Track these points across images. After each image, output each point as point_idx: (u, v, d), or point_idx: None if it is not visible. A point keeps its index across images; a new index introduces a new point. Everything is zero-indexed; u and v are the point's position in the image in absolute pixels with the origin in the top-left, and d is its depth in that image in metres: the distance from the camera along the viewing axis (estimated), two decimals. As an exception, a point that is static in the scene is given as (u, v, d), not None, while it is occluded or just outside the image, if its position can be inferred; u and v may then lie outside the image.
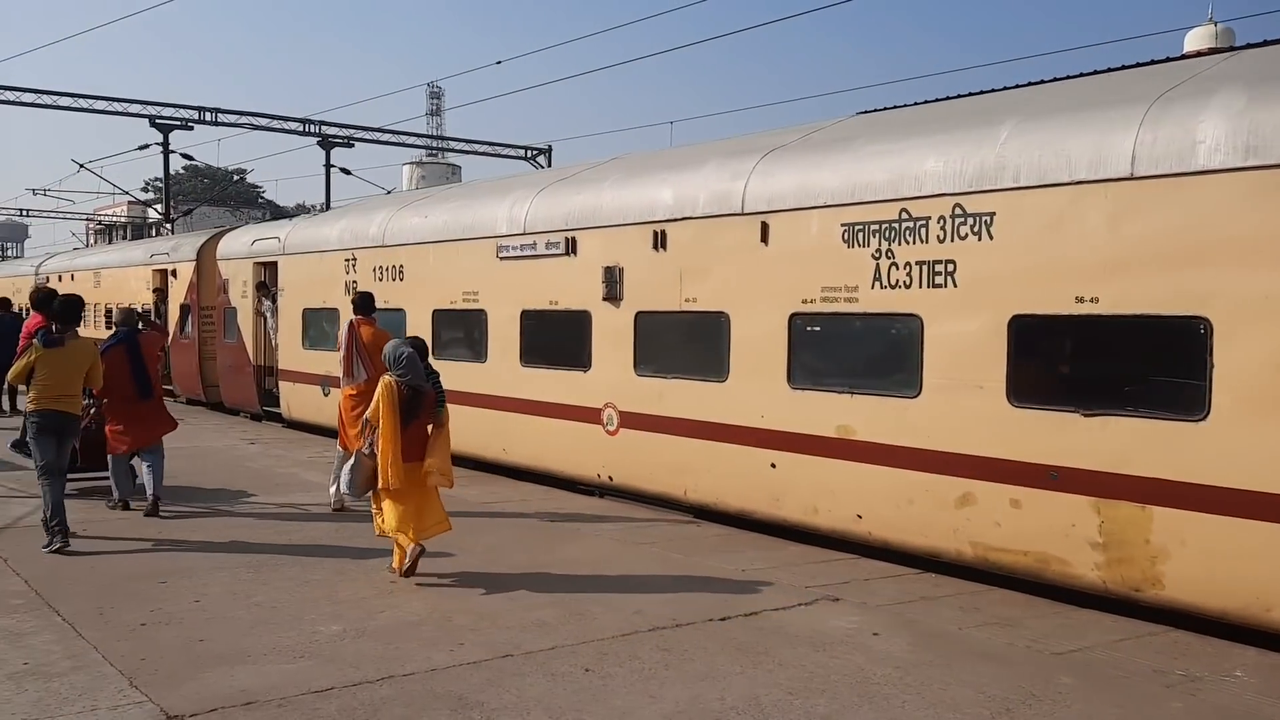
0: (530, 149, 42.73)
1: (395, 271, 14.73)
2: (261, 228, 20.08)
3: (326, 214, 18.43)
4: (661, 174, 10.95)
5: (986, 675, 5.85)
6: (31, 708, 5.19)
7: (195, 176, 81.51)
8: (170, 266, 22.70)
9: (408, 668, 5.85)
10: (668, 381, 10.50)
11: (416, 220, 14.53)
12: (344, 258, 15.89)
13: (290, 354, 17.52)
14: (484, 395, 12.86)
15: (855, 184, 8.72)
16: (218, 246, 20.60)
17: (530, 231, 12.27)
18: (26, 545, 8.73)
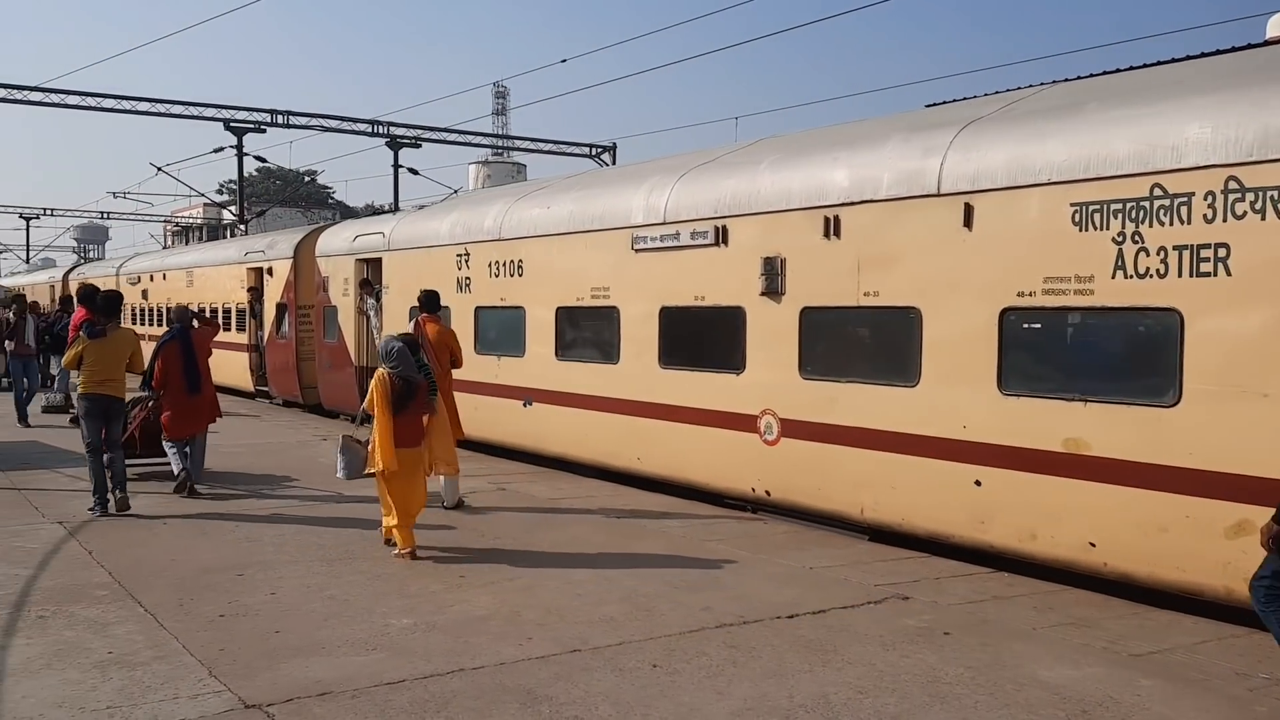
0: (595, 147, 42.87)
1: (513, 267, 13.79)
2: (363, 223, 19.35)
3: (434, 207, 17.51)
4: (832, 152, 9.73)
5: (1062, 676, 5.72)
6: (116, 695, 5.34)
7: (268, 178, 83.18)
8: (266, 265, 22.16)
9: (477, 661, 5.92)
10: (841, 386, 9.34)
11: (537, 212, 13.57)
12: (455, 253, 15.00)
13: None
14: (615, 400, 11.96)
15: (1089, 157, 7.50)
16: (316, 243, 19.90)
17: (672, 220, 11.21)
18: (111, 538, 9.01)
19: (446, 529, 9.51)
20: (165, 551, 8.58)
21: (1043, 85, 9.65)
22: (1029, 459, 7.87)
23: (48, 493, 11.12)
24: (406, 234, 16.66)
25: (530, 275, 13.51)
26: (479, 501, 10.84)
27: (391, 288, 16.80)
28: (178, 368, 11.24)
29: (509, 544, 8.93)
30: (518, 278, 13.75)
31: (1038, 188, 7.83)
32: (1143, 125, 7.34)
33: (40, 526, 9.43)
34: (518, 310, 13.62)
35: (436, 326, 10.77)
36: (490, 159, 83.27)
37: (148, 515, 10.06)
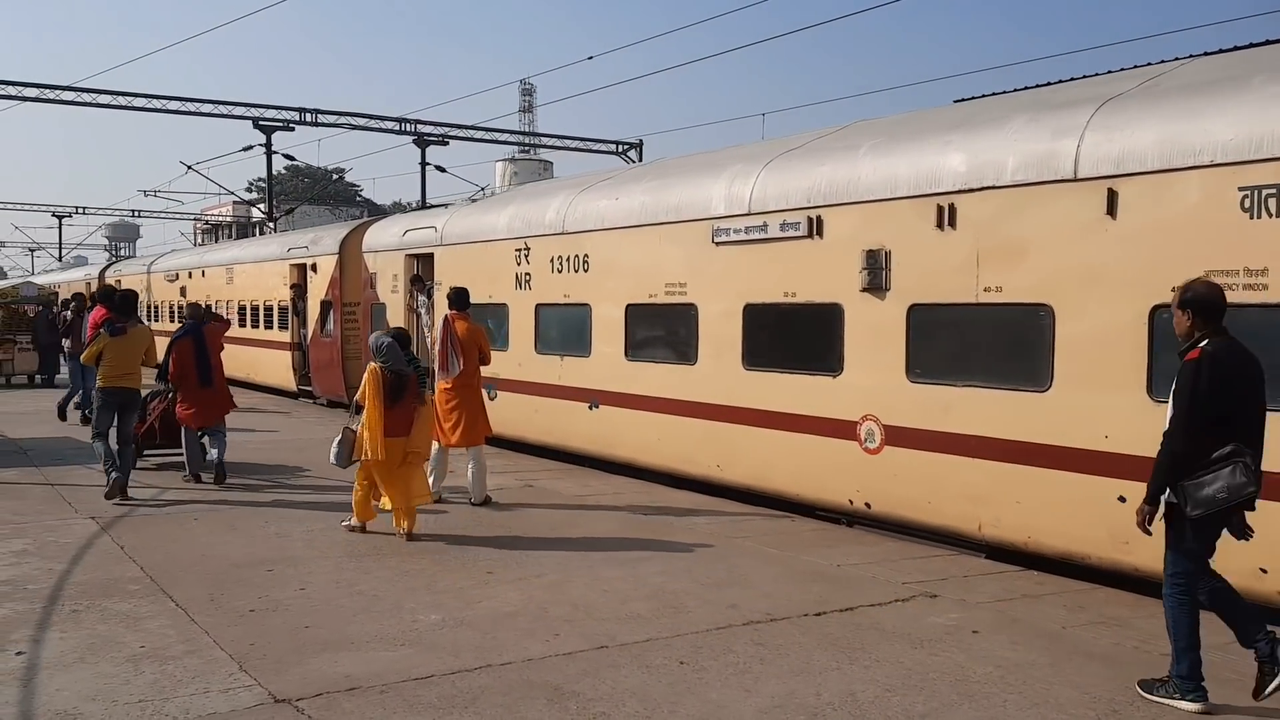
0: (621, 144, 42.85)
1: (578, 262, 12.98)
2: (414, 217, 18.60)
3: (490, 200, 16.83)
4: (943, 135, 8.96)
5: (1092, 676, 5.69)
6: (148, 689, 5.40)
7: (296, 176, 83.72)
8: (310, 261, 21.42)
9: (505, 657, 5.94)
10: (956, 390, 8.54)
11: (605, 204, 12.77)
12: (514, 248, 14.22)
13: None
14: (693, 403, 11.23)
15: (1262, 135, 6.74)
16: (363, 238, 19.15)
17: (758, 211, 10.37)
18: (143, 534, 9.10)
19: (474, 525, 9.55)
20: (196, 546, 8.66)
21: (1180, 60, 9.11)
22: None
23: (80, 488, 11.25)
24: (461, 228, 15.94)
25: (597, 271, 12.76)
26: (506, 498, 10.87)
27: (445, 284, 15.68)
28: (191, 362, 11.88)
29: (536, 540, 8.96)
30: (583, 273, 12.96)
31: (1197, 170, 7.08)
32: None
33: (73, 521, 9.54)
34: (583, 308, 12.90)
35: (466, 324, 10.81)
36: (517, 156, 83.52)
37: (178, 511, 10.16)
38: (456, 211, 16.69)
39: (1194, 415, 5.22)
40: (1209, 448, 5.20)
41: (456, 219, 16.21)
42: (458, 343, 10.55)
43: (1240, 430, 5.25)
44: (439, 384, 10.72)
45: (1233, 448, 5.18)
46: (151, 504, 10.46)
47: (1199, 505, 5.19)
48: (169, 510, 10.19)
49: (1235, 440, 5.20)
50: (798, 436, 10.04)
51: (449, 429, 10.61)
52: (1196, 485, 5.20)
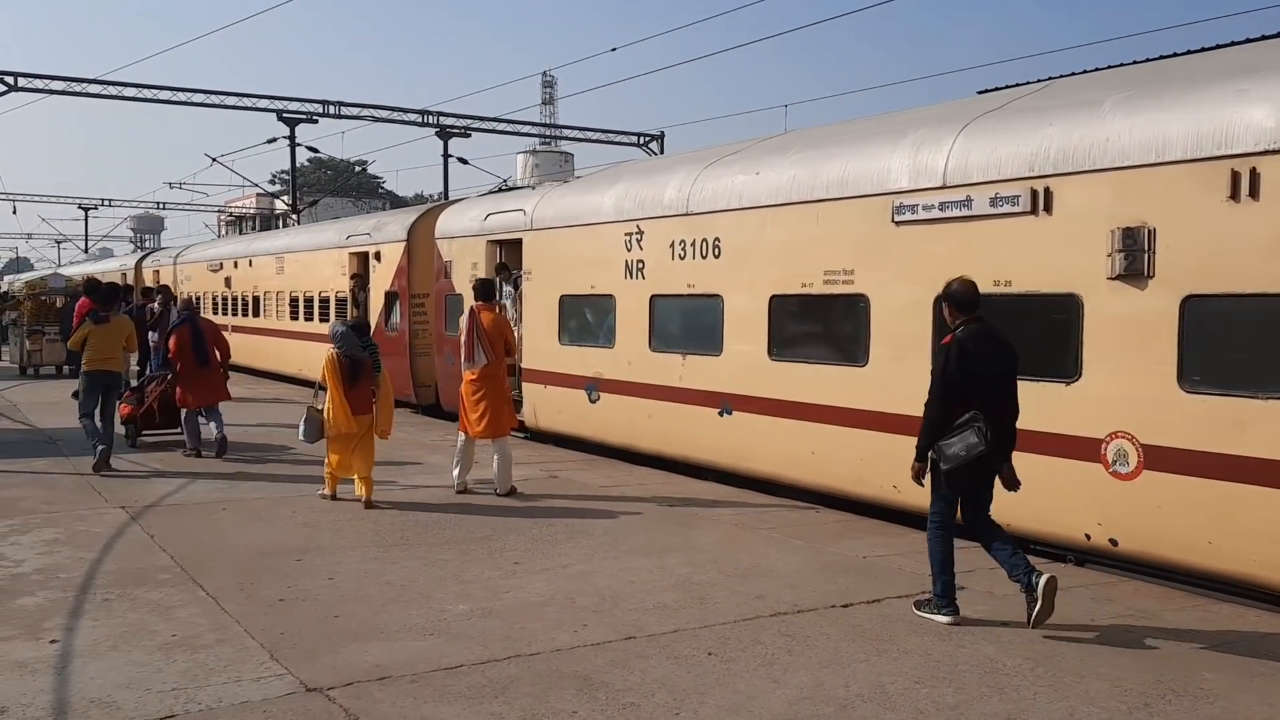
0: (643, 135, 42.81)
1: (706, 247, 11.32)
2: (498, 199, 16.86)
3: (590, 178, 14.92)
4: (1232, 83, 7.26)
5: (1123, 669, 5.66)
6: (181, 677, 5.45)
7: (319, 168, 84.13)
8: (372, 249, 19.94)
9: (534, 647, 5.96)
10: (1259, 404, 6.84)
11: (742, 179, 11.06)
12: (623, 232, 12.55)
13: (541, 350, 14.26)
14: (863, 412, 9.48)
15: None
16: (436, 223, 17.54)
17: (957, 184, 8.73)
18: (172, 523, 9.18)
19: (500, 516, 9.58)
20: (224, 536, 8.73)
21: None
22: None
23: (109, 478, 11.36)
24: (555, 210, 14.23)
25: (731, 256, 11.08)
26: (531, 489, 10.90)
27: (535, 273, 14.47)
28: (189, 345, 13.01)
29: (562, 531, 8.98)
30: (712, 260, 11.29)
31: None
32: None
33: (103, 511, 9.63)
34: (712, 299, 11.27)
35: (491, 315, 10.83)
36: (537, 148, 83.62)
37: (206, 500, 10.25)
38: (549, 192, 14.97)
39: (944, 388, 6.42)
40: (957, 414, 6.37)
41: (550, 200, 14.52)
42: (484, 334, 10.59)
43: (981, 400, 6.36)
44: (465, 375, 10.75)
45: (970, 414, 6.35)
46: (179, 493, 10.55)
47: (948, 461, 6.40)
48: (198, 500, 10.27)
49: (976, 409, 6.33)
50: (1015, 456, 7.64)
51: (474, 420, 10.66)
52: (946, 445, 6.40)
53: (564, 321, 13.86)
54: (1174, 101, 7.55)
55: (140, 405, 13.72)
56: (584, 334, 13.58)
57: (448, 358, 16.26)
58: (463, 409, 10.83)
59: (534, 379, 14.52)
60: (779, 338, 10.59)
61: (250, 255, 27.69)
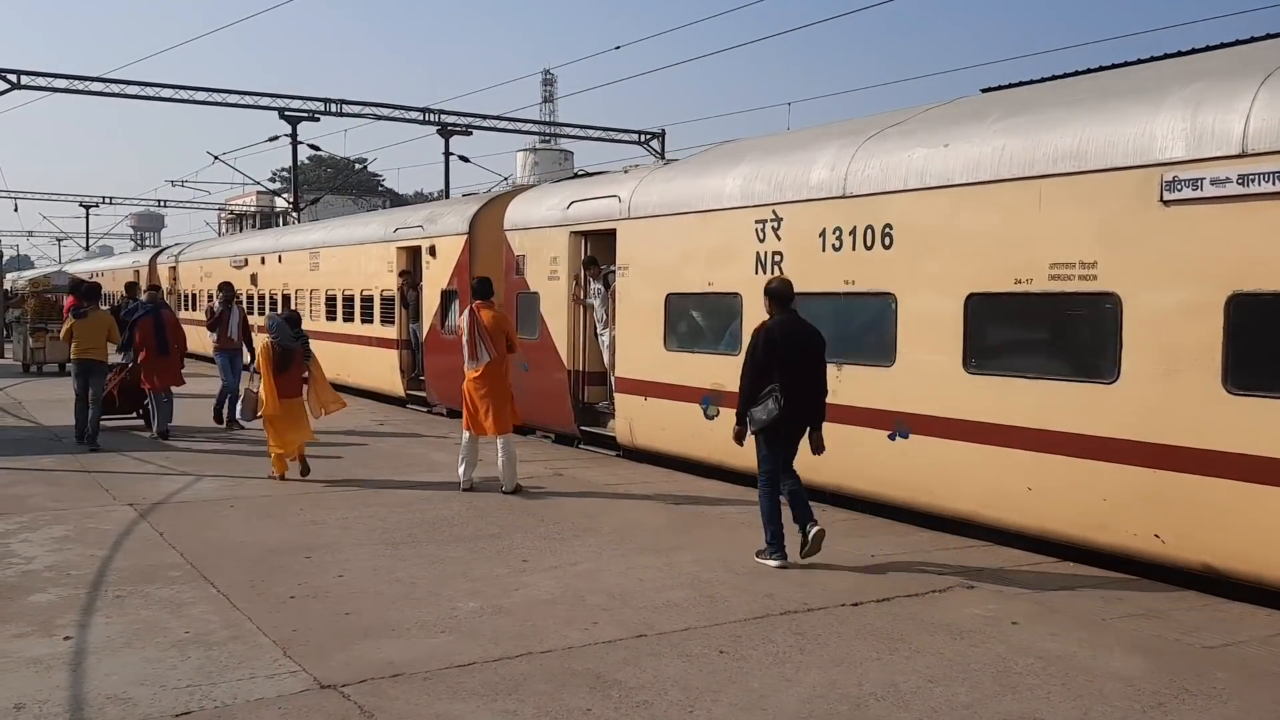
0: (644, 133, 42.81)
1: (872, 236, 9.52)
2: (583, 185, 14.68)
3: (704, 158, 12.78)
4: None
5: (1135, 668, 5.67)
6: (195, 674, 5.46)
7: (319, 166, 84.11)
8: (425, 243, 18.09)
9: (545, 645, 5.97)
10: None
11: (922, 154, 9.20)
12: (754, 219, 10.73)
13: (641, 357, 12.51)
14: (1109, 440, 7.71)
15: None
16: (505, 213, 15.61)
17: (1264, 150, 6.87)
18: (180, 520, 9.20)
19: (507, 513, 9.59)
20: (234, 533, 8.75)
21: None
22: None
23: (117, 475, 11.38)
24: (661, 196, 12.39)
25: (908, 247, 9.24)
26: (536, 486, 10.91)
27: (632, 268, 12.69)
28: (151, 335, 14.43)
29: (569, 529, 8.99)
30: (881, 251, 9.46)
31: None
32: None
33: (112, 508, 9.65)
34: (880, 299, 9.45)
35: (491, 313, 10.85)
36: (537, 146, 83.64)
37: (215, 498, 10.26)
38: (651, 175, 13.08)
39: (752, 367, 7.83)
40: (764, 386, 7.71)
41: (653, 185, 12.69)
42: (485, 332, 10.60)
43: (782, 377, 7.70)
44: (467, 373, 10.76)
45: (770, 387, 7.70)
46: (188, 490, 10.57)
47: (754, 424, 7.81)
48: (206, 498, 10.28)
49: (777, 383, 7.69)
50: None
51: (478, 417, 10.69)
52: (754, 412, 7.76)
53: (672, 324, 12.07)
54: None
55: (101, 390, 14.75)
56: (698, 338, 11.84)
57: (522, 364, 13.95)
58: (466, 407, 10.86)
59: (631, 389, 12.70)
60: (980, 346, 8.72)
61: (280, 250, 25.67)
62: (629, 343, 12.81)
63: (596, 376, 14.01)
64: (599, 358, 13.85)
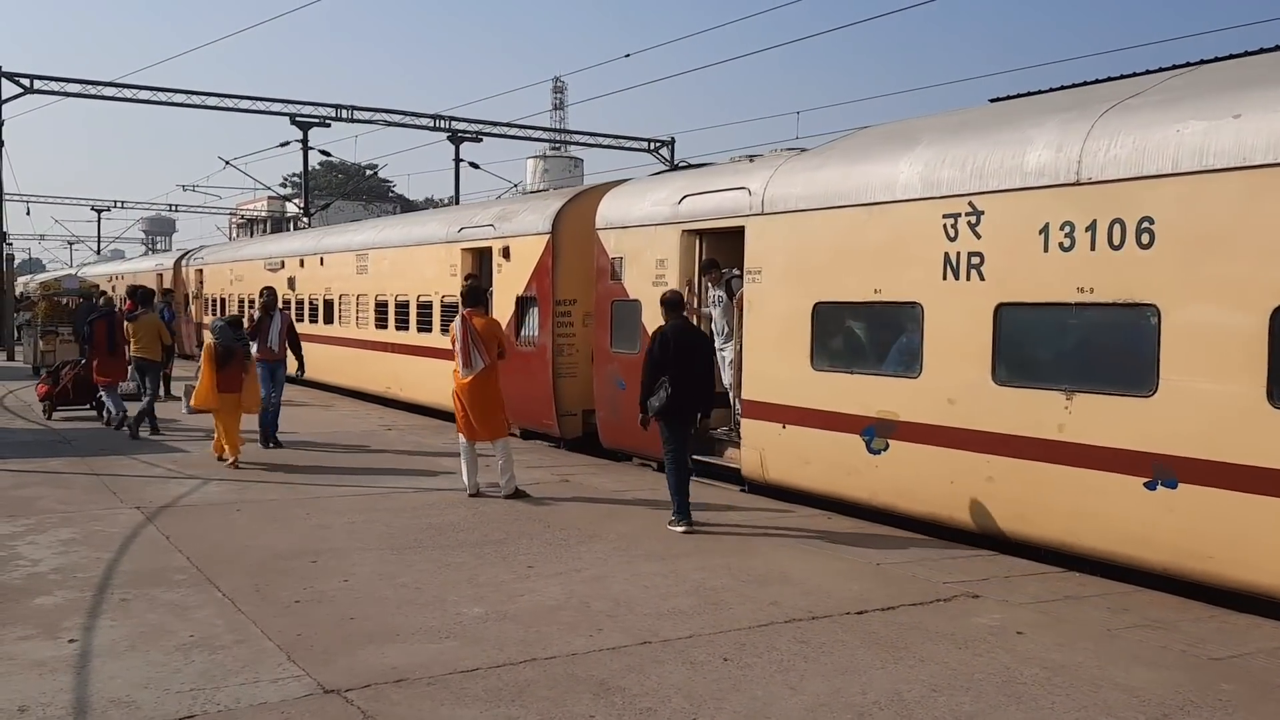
0: (653, 141, 42.89)
1: (1122, 232, 7.66)
2: (698, 176, 12.73)
3: (855, 140, 10.87)
4: None
5: (1140, 679, 5.64)
6: (199, 678, 5.47)
7: (330, 172, 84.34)
8: (497, 243, 16.12)
9: (549, 651, 5.96)
10: None
11: (1199, 127, 7.34)
12: (941, 213, 8.96)
13: (777, 377, 10.69)
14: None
15: None
16: (597, 210, 13.82)
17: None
18: (187, 524, 9.22)
19: (511, 519, 9.60)
20: (240, 537, 8.76)
21: None
22: None
23: (124, 478, 11.41)
24: (807, 187, 10.47)
25: (1179, 245, 7.37)
26: (542, 493, 10.91)
27: (767, 272, 10.84)
28: (104, 336, 15.81)
29: (575, 535, 8.99)
30: (1135, 251, 7.58)
31: None
32: None
33: (119, 511, 9.67)
34: (1133, 310, 7.65)
35: (483, 319, 10.89)
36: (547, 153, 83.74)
37: (221, 502, 10.28)
38: (789, 164, 11.06)
39: (649, 364, 9.29)
40: (659, 380, 9.18)
41: (794, 174, 10.76)
42: (478, 338, 10.63)
43: (672, 371, 9.18)
44: (459, 380, 10.78)
45: (664, 379, 9.19)
46: (196, 493, 10.60)
47: (651, 410, 9.30)
48: (213, 501, 10.30)
49: (667, 375, 9.17)
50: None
51: (472, 423, 10.72)
52: (651, 402, 9.26)
53: (821, 338, 10.23)
54: None
55: (56, 385, 16.90)
56: (859, 356, 10.04)
57: (617, 380, 12.93)
58: (459, 413, 10.89)
59: (762, 414, 10.90)
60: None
61: (321, 252, 23.72)
62: (761, 360, 10.94)
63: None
64: (716, 375, 11.64)
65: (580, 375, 14.50)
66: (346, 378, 22.08)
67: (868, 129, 11.38)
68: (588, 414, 14.49)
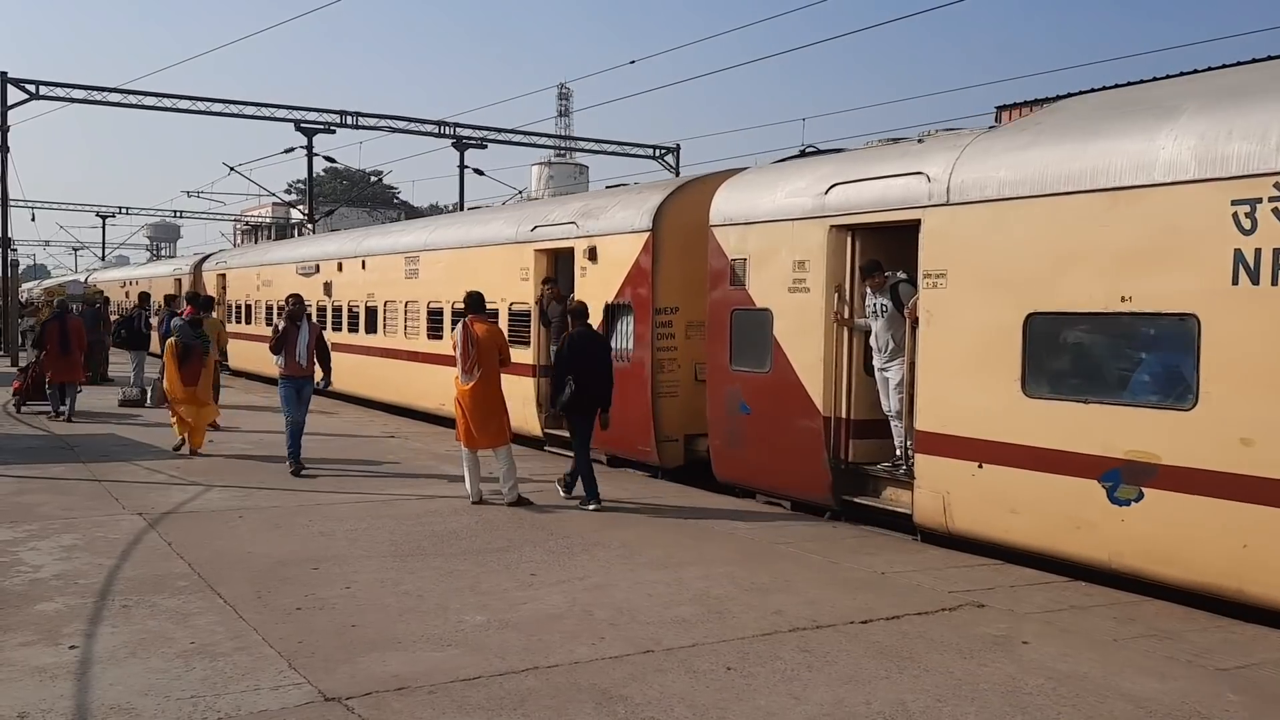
0: (658, 148, 42.91)
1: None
2: (848, 161, 10.62)
3: (1070, 109, 9.20)
4: None
5: (1146, 689, 5.60)
6: (200, 685, 5.45)
7: (335, 178, 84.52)
8: (581, 243, 14.11)
9: (551, 659, 5.93)
10: None
11: None
12: (1230, 198, 7.00)
13: (971, 403, 8.73)
14: None
15: None
16: (713, 203, 11.82)
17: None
18: (189, 530, 9.20)
19: (514, 527, 9.57)
20: (242, 544, 8.74)
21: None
22: None
23: (127, 484, 11.39)
24: (1013, 169, 8.53)
25: None
26: (546, 501, 10.88)
27: (955, 276, 8.88)
28: (56, 338, 17.29)
29: (578, 543, 8.96)
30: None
31: None
32: None
33: (121, 518, 9.66)
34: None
35: (485, 326, 10.86)
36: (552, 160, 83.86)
37: (222, 508, 10.26)
38: (982, 142, 9.10)
39: (559, 365, 10.76)
40: (567, 379, 10.61)
41: (992, 154, 8.84)
42: (478, 346, 10.62)
43: (578, 372, 10.62)
44: (460, 387, 10.75)
45: (569, 379, 10.61)
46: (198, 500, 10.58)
47: (558, 405, 10.91)
48: (215, 508, 10.28)
49: (574, 376, 10.60)
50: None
51: (473, 431, 10.70)
52: (559, 397, 10.75)
53: (1037, 358, 8.35)
54: None
55: (20, 382, 18.59)
56: (1095, 381, 8.09)
57: (739, 403, 11.20)
58: (461, 421, 10.87)
59: (947, 450, 8.93)
60: None
61: (363, 255, 21.72)
62: (947, 383, 8.94)
63: (865, 427, 10.26)
64: (872, 401, 10.17)
65: (682, 395, 12.74)
66: (392, 392, 19.94)
67: (1077, 98, 9.69)
68: (689, 439, 12.74)
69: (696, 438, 12.63)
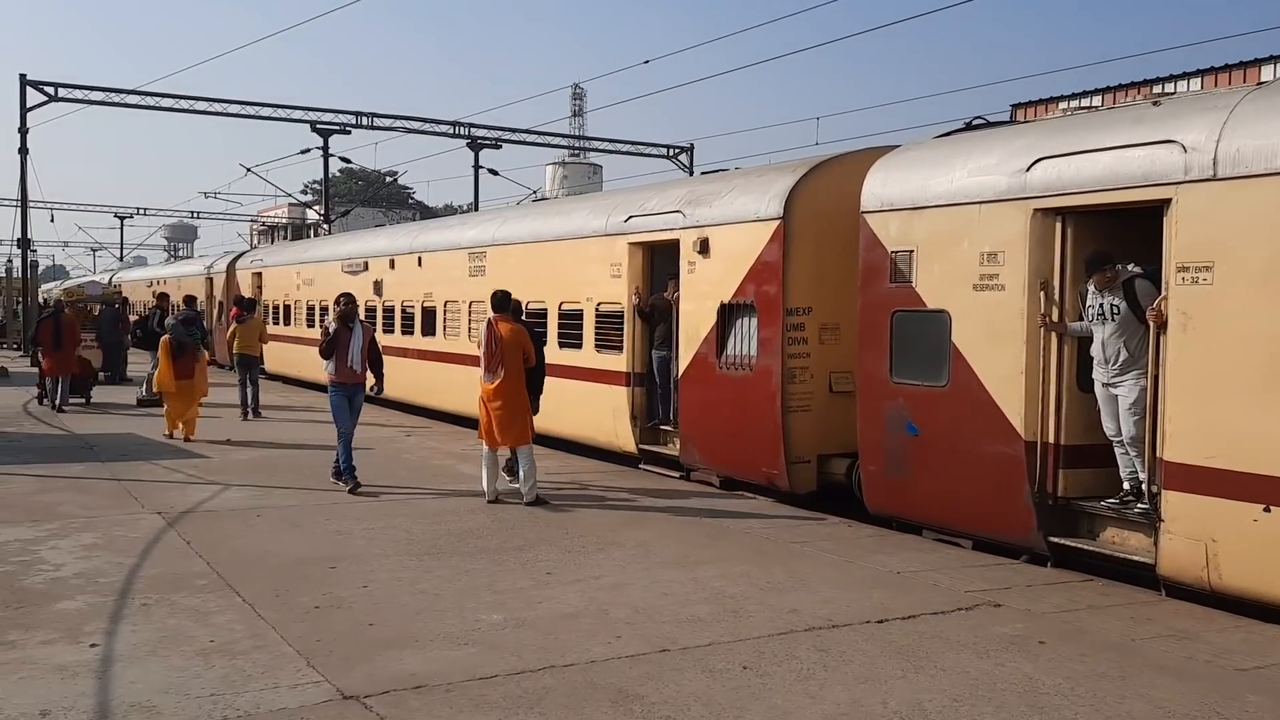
0: (672, 148, 42.90)
1: None
2: (1059, 129, 8.79)
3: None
4: None
5: (1165, 689, 5.58)
6: (219, 683, 5.49)
7: (350, 179, 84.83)
8: (689, 235, 12.38)
9: (567, 658, 5.95)
10: None
11: None
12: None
13: (1254, 430, 6.93)
14: None
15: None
16: (865, 185, 10.04)
17: None
18: (208, 529, 9.26)
19: (531, 526, 9.59)
20: (260, 543, 8.79)
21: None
22: None
23: (146, 484, 11.47)
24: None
25: None
26: (562, 500, 10.90)
27: (1227, 268, 7.12)
28: (50, 334, 18.74)
29: (594, 542, 8.97)
30: None
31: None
32: None
33: (140, 517, 9.72)
34: None
35: (509, 325, 10.88)
36: (566, 160, 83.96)
37: (241, 508, 10.32)
38: (1265, 99, 7.35)
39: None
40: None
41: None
42: (502, 346, 10.64)
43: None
44: (483, 386, 10.80)
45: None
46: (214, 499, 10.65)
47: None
48: (233, 507, 10.34)
49: None
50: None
51: (495, 431, 10.73)
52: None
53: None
54: None
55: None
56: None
57: (904, 423, 9.56)
58: (484, 420, 10.90)
59: (1219, 488, 7.13)
60: None
61: (418, 251, 19.92)
62: (1216, 403, 7.17)
63: (1077, 453, 8.50)
64: (1086, 423, 8.43)
65: (815, 410, 11.14)
66: (454, 401, 17.74)
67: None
68: (822, 460, 11.23)
69: (829, 458, 11.12)
